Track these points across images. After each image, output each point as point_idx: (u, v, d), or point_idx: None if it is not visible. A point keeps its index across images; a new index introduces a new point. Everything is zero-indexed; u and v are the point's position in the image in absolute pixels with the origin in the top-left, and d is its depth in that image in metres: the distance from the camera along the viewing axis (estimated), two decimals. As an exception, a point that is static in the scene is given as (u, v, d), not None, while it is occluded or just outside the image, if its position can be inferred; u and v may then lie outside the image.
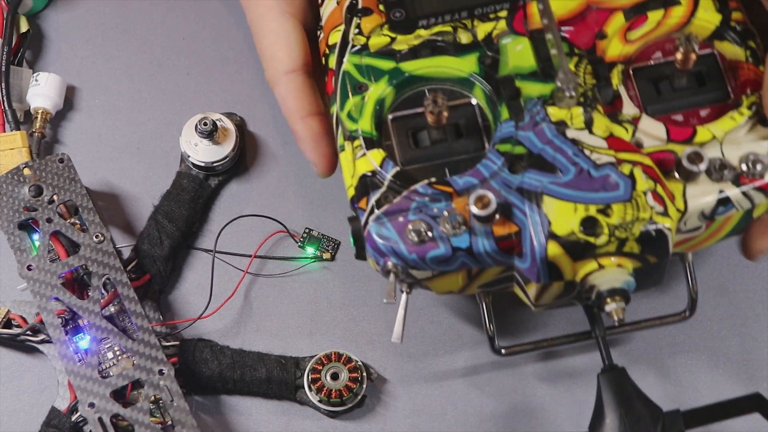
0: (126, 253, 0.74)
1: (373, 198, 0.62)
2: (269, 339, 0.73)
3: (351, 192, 0.63)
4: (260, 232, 0.75)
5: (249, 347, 0.72)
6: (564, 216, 0.59)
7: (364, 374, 0.70)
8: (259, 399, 0.71)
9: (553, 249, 0.59)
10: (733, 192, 0.61)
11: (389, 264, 0.61)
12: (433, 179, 0.62)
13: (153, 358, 0.68)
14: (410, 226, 0.60)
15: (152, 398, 0.68)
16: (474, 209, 0.59)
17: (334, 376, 0.70)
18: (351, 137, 0.64)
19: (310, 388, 0.70)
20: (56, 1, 0.83)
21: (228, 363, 0.70)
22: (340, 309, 0.73)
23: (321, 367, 0.70)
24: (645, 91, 0.64)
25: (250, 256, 0.74)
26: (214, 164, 0.75)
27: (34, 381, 0.72)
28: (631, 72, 0.64)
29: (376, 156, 0.63)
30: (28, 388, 0.72)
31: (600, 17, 0.65)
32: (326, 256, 0.75)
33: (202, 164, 0.75)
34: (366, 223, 0.62)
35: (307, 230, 0.75)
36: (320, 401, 0.70)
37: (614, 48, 0.64)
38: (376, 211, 0.61)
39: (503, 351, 0.67)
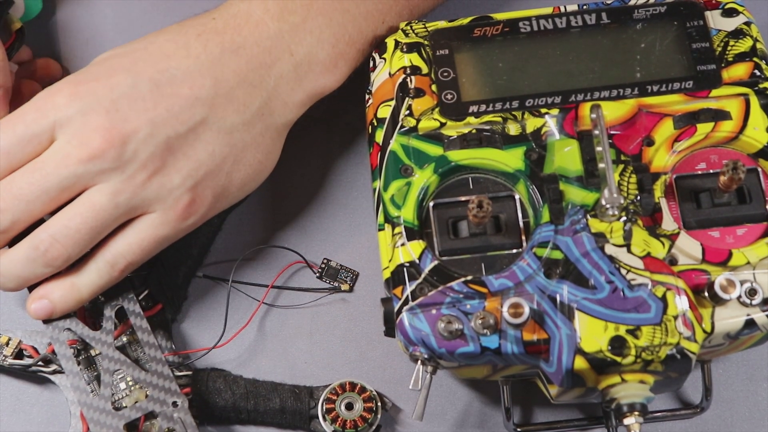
0: (138, 281, 0.73)
1: (409, 288, 0.63)
2: (283, 368, 0.73)
3: (386, 275, 0.64)
4: (278, 263, 0.75)
5: (263, 377, 0.73)
6: (594, 333, 0.60)
7: (379, 404, 0.71)
8: (273, 429, 0.72)
9: (580, 363, 0.60)
10: (759, 316, 0.62)
11: (417, 353, 0.63)
12: (469, 277, 0.63)
13: (166, 389, 0.69)
14: (442, 321, 0.62)
15: (165, 430, 0.68)
16: (507, 315, 0.61)
17: (349, 406, 0.71)
18: (392, 222, 0.65)
19: (324, 418, 0.71)
20: (56, 1, 0.82)
21: (241, 393, 0.71)
22: (356, 339, 0.74)
23: (335, 397, 0.71)
24: (685, 202, 0.65)
25: (266, 286, 0.74)
26: None
27: (45, 412, 0.72)
28: (673, 180, 0.65)
29: (415, 248, 0.64)
30: (39, 419, 0.72)
31: (649, 122, 0.66)
32: (344, 287, 0.75)
33: None
34: (400, 311, 0.63)
35: (325, 261, 0.76)
36: (335, 431, 0.71)
37: (660, 158, 0.65)
38: (411, 302, 0.63)
39: (518, 429, 0.69)
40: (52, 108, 0.66)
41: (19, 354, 0.72)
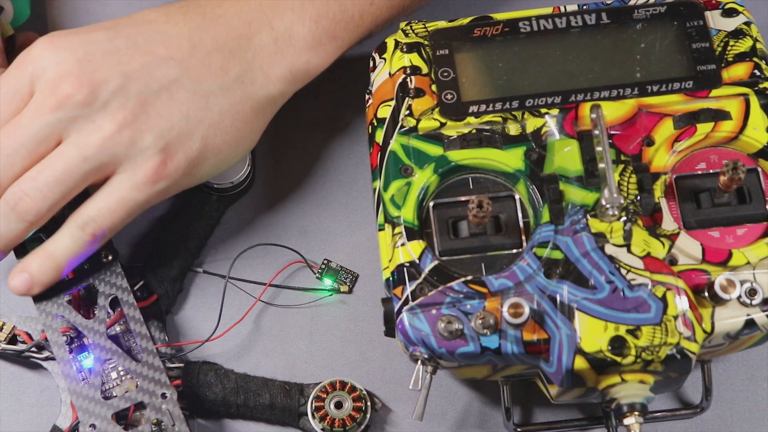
0: (133, 272, 0.74)
1: (409, 288, 0.63)
2: (275, 364, 0.73)
3: (386, 275, 0.64)
4: (277, 262, 0.75)
5: (254, 372, 0.73)
6: (594, 333, 0.60)
7: (368, 404, 0.71)
8: (262, 424, 0.72)
9: (580, 363, 0.60)
10: (759, 316, 0.62)
11: (417, 353, 0.63)
12: (469, 277, 0.63)
13: (156, 381, 0.69)
14: (442, 321, 0.62)
15: (154, 421, 0.68)
16: (507, 316, 0.61)
17: (338, 405, 0.70)
18: (392, 222, 0.65)
19: (313, 415, 0.70)
20: (55, 1, 0.82)
21: (232, 387, 0.71)
22: (356, 339, 0.74)
23: (325, 395, 0.71)
24: (685, 202, 0.65)
25: (264, 284, 0.74)
26: (226, 185, 0.75)
27: (37, 397, 0.73)
28: (673, 180, 0.65)
29: (416, 248, 0.64)
30: (30, 405, 0.73)
31: (649, 122, 0.66)
32: (344, 288, 0.75)
33: (214, 185, 0.75)
34: (400, 311, 0.63)
35: (325, 261, 0.76)
36: (323, 429, 0.70)
37: (660, 158, 0.65)
38: (411, 303, 0.63)
39: (518, 429, 0.69)
40: (29, 61, 0.68)
41: (12, 339, 0.72)
